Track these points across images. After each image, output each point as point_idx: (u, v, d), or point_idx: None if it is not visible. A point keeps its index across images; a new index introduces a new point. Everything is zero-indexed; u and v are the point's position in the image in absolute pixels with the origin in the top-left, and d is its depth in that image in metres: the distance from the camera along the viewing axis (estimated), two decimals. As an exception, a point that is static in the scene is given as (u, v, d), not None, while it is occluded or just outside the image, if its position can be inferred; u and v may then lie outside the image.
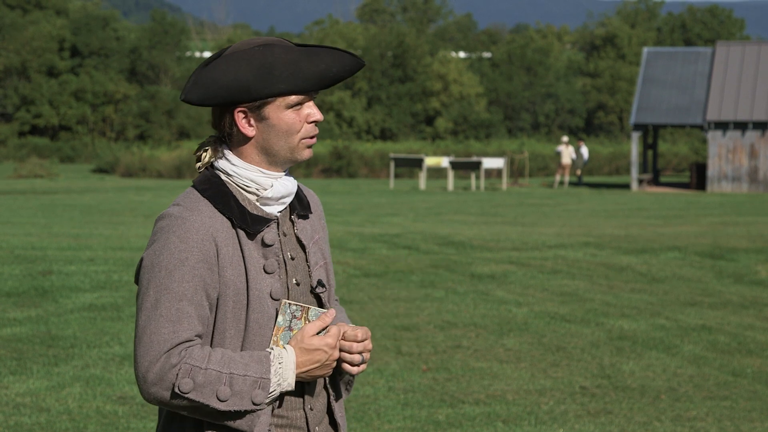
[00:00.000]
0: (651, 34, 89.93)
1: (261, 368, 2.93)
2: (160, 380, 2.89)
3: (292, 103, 2.99)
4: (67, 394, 8.91)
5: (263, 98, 2.97)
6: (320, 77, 2.98)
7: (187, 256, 2.93)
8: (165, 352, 2.89)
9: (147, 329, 2.91)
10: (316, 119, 3.02)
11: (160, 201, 33.27)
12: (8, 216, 25.63)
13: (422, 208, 30.73)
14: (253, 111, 2.99)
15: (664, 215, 28.49)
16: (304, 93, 2.99)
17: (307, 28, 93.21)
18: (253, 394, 2.92)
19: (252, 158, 3.03)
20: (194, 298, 2.93)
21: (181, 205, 3.01)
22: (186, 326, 2.91)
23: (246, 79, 2.95)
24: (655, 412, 8.65)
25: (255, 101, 2.97)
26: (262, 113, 2.99)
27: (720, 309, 13.35)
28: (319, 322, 3.01)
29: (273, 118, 2.99)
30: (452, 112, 78.59)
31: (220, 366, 2.90)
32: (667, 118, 46.66)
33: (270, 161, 3.04)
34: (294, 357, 2.97)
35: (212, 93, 2.96)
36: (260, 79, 2.95)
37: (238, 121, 3.00)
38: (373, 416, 8.46)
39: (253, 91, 2.95)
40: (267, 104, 2.98)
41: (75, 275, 14.89)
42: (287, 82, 2.96)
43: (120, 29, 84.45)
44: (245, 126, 3.00)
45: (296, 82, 2.97)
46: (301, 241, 3.13)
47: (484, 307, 13.12)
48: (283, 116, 3.00)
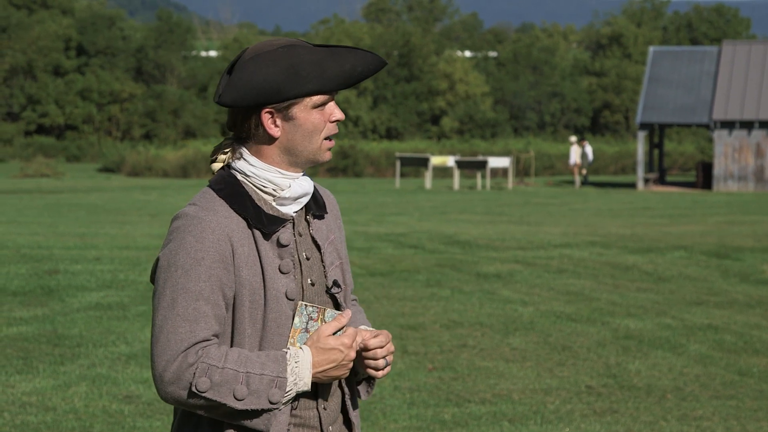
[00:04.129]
0: (657, 33, 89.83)
1: (278, 367, 2.94)
2: (177, 379, 2.90)
3: (318, 102, 3.03)
4: (73, 393, 8.92)
5: (292, 98, 3.00)
6: (346, 76, 3.02)
7: (204, 255, 2.95)
8: (182, 352, 2.90)
9: (164, 329, 2.92)
10: (338, 118, 3.06)
11: (166, 200, 33.29)
12: (14, 215, 25.66)
13: (428, 207, 30.72)
14: (280, 111, 3.02)
15: (670, 214, 28.46)
16: (330, 92, 3.03)
17: (313, 27, 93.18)
18: (270, 393, 2.93)
19: (273, 159, 3.05)
20: (211, 298, 2.94)
21: (197, 204, 3.02)
22: (203, 326, 2.93)
23: (275, 80, 2.98)
24: (661, 412, 8.64)
25: (284, 101, 3.00)
26: (289, 113, 3.02)
27: (726, 308, 13.34)
28: (335, 322, 3.03)
29: (300, 118, 3.02)
30: (458, 112, 78.56)
31: (236, 365, 2.91)
32: (673, 118, 46.61)
33: (291, 162, 3.07)
34: (310, 357, 2.98)
35: (243, 94, 2.99)
36: (289, 80, 2.98)
37: (264, 122, 3.02)
38: (379, 415, 8.46)
39: (283, 92, 2.98)
40: (294, 104, 3.02)
41: (81, 274, 14.91)
42: (314, 81, 3.00)
43: (126, 28, 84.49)
44: (271, 126, 3.03)
45: (323, 82, 3.00)
46: (316, 242, 3.15)
47: (490, 307, 13.11)
48: (309, 116, 3.03)
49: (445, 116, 79.54)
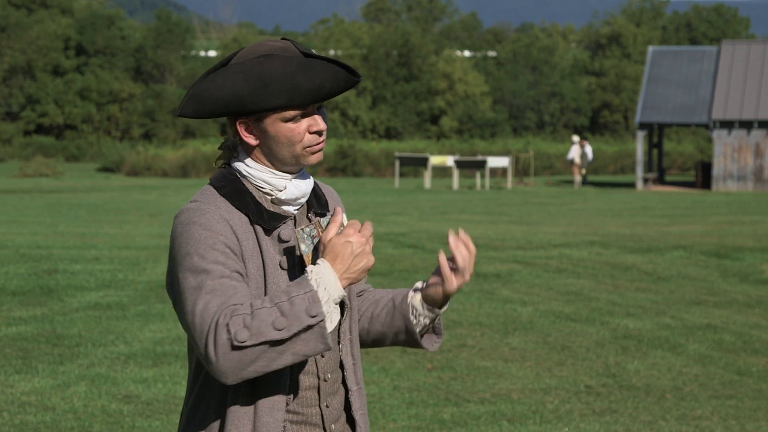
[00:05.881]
0: (656, 33, 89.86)
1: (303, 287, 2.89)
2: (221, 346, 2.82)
3: (289, 117, 3.01)
4: (72, 393, 8.92)
5: (258, 112, 2.99)
6: (315, 92, 2.99)
7: (214, 241, 2.94)
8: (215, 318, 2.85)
9: (196, 311, 2.87)
10: (317, 130, 3.03)
11: (165, 200, 33.29)
12: (14, 215, 25.66)
13: (427, 207, 30.73)
14: (252, 122, 3.03)
15: (669, 214, 28.47)
16: (299, 108, 3.00)
17: (313, 27, 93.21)
18: (308, 308, 2.87)
19: (262, 161, 3.07)
20: (233, 275, 2.93)
21: (199, 201, 3.04)
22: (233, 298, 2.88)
23: (241, 93, 2.97)
24: (660, 411, 8.64)
25: (251, 114, 3.00)
26: (261, 125, 3.02)
27: (725, 308, 13.34)
28: (332, 225, 3.00)
29: (271, 131, 3.02)
30: (457, 111, 78.57)
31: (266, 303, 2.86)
32: (672, 117, 46.62)
33: (278, 165, 3.07)
34: (328, 264, 2.94)
35: (207, 107, 3.00)
36: (255, 93, 2.97)
37: (240, 131, 3.04)
38: (378, 415, 8.46)
39: (249, 104, 2.97)
40: (265, 117, 3.01)
41: (80, 274, 14.91)
42: (282, 96, 2.97)
43: (125, 28, 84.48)
44: (247, 135, 3.04)
45: (291, 97, 2.98)
46: None
47: (489, 306, 13.11)
48: (281, 129, 3.01)
49: (444, 116, 79.54)
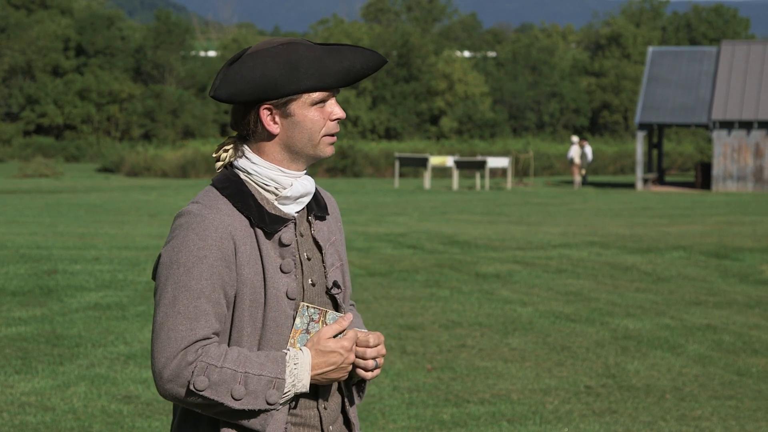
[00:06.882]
0: (656, 34, 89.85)
1: (276, 368, 2.95)
2: (176, 377, 2.91)
3: (317, 99, 3.03)
4: (72, 394, 8.92)
5: (290, 95, 3.00)
6: (345, 73, 3.03)
7: (206, 253, 2.96)
8: (182, 350, 2.91)
9: (164, 326, 2.93)
10: (338, 117, 3.06)
11: (165, 200, 33.28)
12: (13, 215, 25.66)
13: (427, 207, 30.72)
14: (278, 108, 3.03)
15: (669, 215, 28.47)
16: (328, 89, 3.03)
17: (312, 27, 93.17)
18: (268, 393, 2.93)
19: (274, 156, 3.06)
20: (212, 296, 2.95)
21: (201, 202, 3.03)
22: (203, 324, 2.93)
23: (273, 75, 2.98)
24: (660, 412, 8.64)
25: (281, 98, 3.00)
26: (287, 110, 3.03)
27: (725, 308, 13.34)
28: (336, 325, 3.03)
29: (298, 115, 3.03)
30: (457, 112, 78.55)
31: (235, 365, 2.92)
32: (672, 118, 46.62)
33: (292, 159, 3.07)
34: (310, 359, 2.99)
35: (240, 89, 2.99)
36: (287, 76, 2.99)
37: (263, 118, 3.03)
38: (378, 415, 8.46)
39: (280, 88, 2.99)
40: (292, 101, 3.02)
41: (80, 274, 14.91)
42: (313, 78, 3.00)
43: (125, 28, 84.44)
44: (270, 123, 3.03)
45: (322, 79, 3.01)
46: (317, 242, 3.16)
47: (489, 307, 13.11)
48: (308, 113, 3.03)
49: (444, 116, 79.52)
